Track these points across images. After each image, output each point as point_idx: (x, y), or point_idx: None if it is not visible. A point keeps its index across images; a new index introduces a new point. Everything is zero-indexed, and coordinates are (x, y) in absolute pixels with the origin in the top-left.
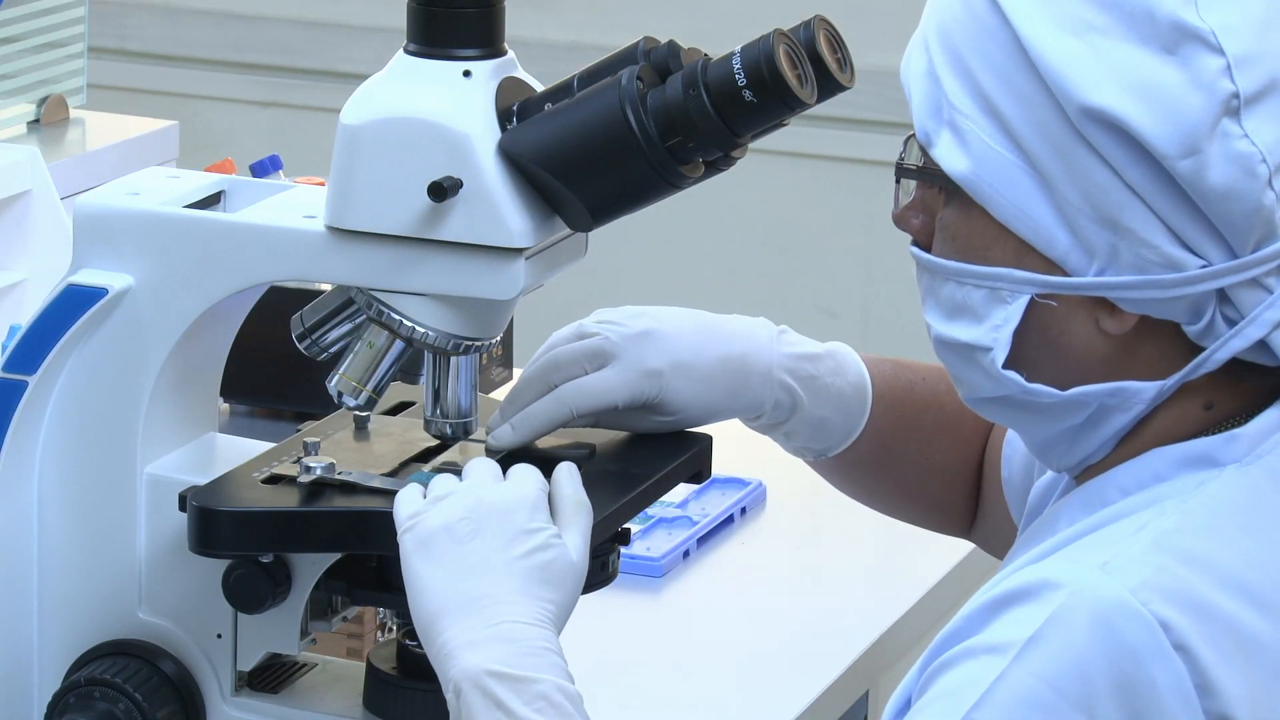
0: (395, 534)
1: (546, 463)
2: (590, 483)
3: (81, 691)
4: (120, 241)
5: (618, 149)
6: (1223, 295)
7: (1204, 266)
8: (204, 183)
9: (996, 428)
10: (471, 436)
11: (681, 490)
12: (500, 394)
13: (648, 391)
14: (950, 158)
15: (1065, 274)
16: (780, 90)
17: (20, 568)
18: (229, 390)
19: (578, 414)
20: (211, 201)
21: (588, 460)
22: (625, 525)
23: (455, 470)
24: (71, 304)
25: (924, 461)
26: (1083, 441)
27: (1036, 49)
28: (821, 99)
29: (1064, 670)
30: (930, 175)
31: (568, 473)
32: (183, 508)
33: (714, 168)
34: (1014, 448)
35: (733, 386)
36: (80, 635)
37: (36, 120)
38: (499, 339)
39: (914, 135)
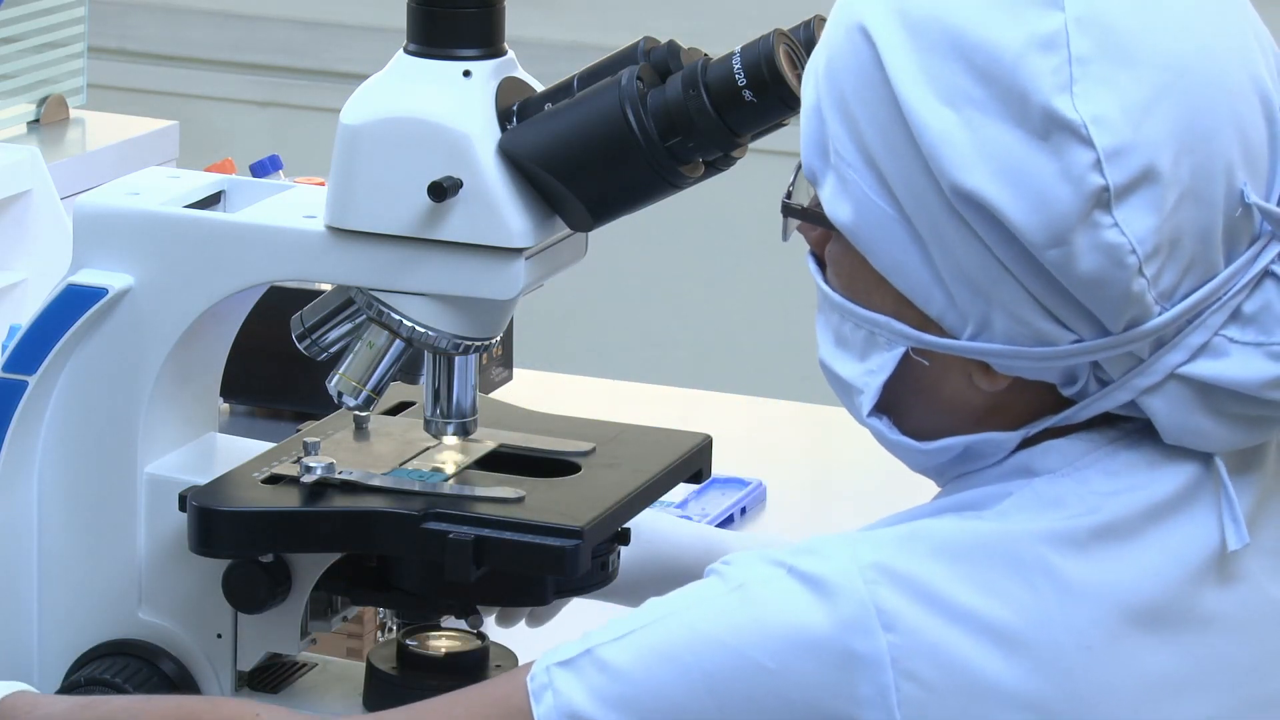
0: (395, 534)
1: (546, 463)
2: (590, 482)
3: (81, 692)
4: (120, 241)
5: (618, 149)
6: (1096, 362)
7: (1076, 341)
8: (204, 183)
9: None
10: (471, 436)
11: (681, 490)
12: (500, 394)
13: None
14: (834, 205)
15: (942, 331)
16: (780, 90)
17: (20, 568)
18: (229, 390)
19: None
20: (211, 201)
21: (588, 460)
22: (625, 525)
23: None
24: (71, 304)
25: None
26: (949, 472)
27: (915, 119)
28: None
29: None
30: (816, 218)
31: None
32: (183, 508)
33: (714, 168)
34: None
35: None
36: (80, 635)
37: (36, 120)
38: (499, 339)
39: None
